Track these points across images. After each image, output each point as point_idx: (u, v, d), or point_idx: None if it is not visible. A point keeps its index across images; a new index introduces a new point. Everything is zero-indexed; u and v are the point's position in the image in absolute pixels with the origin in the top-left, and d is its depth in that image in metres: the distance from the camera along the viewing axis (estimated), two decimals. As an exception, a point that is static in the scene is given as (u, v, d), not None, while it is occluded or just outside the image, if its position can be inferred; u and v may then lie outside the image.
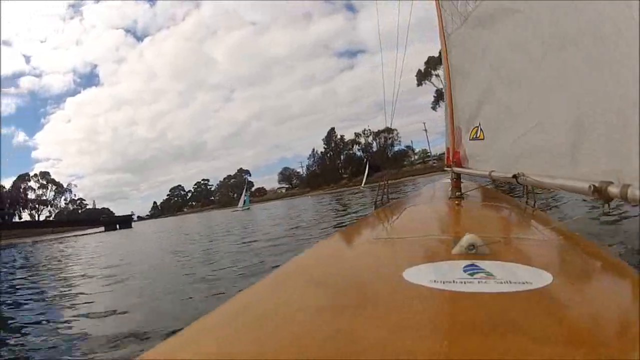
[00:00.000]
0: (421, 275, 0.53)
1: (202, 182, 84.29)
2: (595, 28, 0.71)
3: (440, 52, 1.95)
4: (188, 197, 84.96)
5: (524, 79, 1.06)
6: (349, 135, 64.25)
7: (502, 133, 1.25)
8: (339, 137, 64.30)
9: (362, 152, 61.69)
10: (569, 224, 1.28)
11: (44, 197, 64.45)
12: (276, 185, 77.55)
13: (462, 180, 1.82)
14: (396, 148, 58.35)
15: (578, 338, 0.36)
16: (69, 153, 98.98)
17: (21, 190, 61.88)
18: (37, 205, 63.15)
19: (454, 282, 0.49)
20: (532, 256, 0.68)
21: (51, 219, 59.22)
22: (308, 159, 69.51)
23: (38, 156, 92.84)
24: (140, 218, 79.82)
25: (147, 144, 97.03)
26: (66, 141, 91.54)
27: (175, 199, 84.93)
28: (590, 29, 0.73)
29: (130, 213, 70.81)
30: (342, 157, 63.89)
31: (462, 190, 1.68)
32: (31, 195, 63.23)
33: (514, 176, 1.01)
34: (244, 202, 43.30)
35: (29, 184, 63.70)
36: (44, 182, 65.23)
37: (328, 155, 64.44)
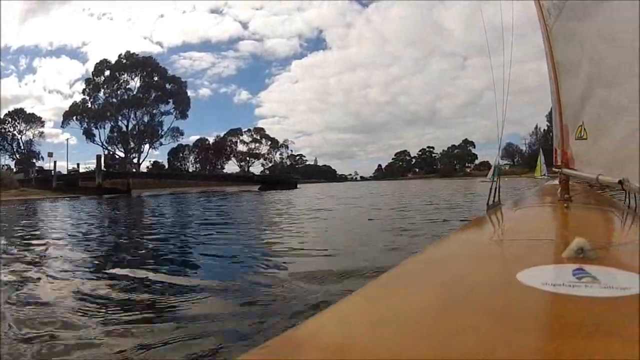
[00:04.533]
0: (534, 277, 0.56)
1: (427, 149, 79.91)
2: None
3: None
4: (413, 163, 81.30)
5: (626, 74, 1.00)
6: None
7: (606, 133, 1.20)
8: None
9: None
10: None
11: (257, 151, 66.15)
12: (500, 161, 75.02)
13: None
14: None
15: None
16: (296, 111, 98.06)
17: (228, 143, 64.53)
18: (247, 158, 65.22)
19: (563, 285, 0.53)
20: (637, 263, 0.67)
21: (267, 172, 61.64)
22: (530, 135, 64.11)
23: (263, 113, 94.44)
24: (363, 178, 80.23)
25: (380, 107, 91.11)
26: (294, 100, 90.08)
27: (400, 163, 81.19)
28: None
29: (352, 172, 79.53)
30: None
31: (570, 192, 1.67)
32: (243, 149, 65.48)
33: (620, 182, 0.99)
34: (492, 173, 45.16)
35: (242, 137, 65.54)
36: (257, 137, 66.43)
37: (550, 134, 61.21)
